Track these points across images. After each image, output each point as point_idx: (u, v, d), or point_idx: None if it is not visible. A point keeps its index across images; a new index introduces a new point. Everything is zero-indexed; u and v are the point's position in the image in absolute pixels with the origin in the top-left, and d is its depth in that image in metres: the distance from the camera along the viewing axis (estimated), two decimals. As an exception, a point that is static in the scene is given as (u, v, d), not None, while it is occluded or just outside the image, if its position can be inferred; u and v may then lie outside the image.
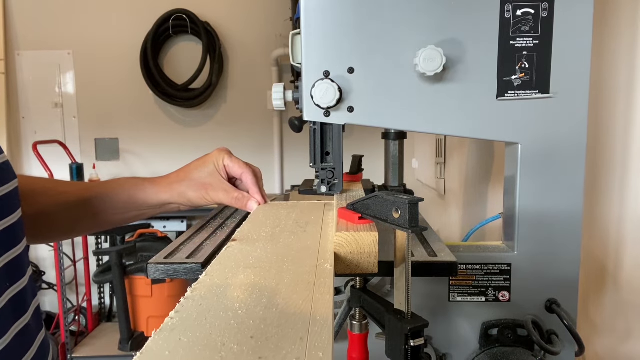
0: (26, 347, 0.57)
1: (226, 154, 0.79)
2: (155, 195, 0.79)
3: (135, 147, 3.31)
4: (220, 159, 0.79)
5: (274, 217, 0.70)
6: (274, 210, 0.76)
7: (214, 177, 0.78)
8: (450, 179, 1.97)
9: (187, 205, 0.80)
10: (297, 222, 0.67)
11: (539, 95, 0.74)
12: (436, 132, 0.78)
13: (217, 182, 0.78)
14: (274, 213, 0.73)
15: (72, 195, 0.78)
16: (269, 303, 0.39)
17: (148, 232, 2.98)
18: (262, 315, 0.37)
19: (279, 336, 0.34)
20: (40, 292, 3.32)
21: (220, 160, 0.79)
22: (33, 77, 3.27)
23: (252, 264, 0.49)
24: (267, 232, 0.62)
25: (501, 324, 0.79)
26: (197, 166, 0.80)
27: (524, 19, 0.73)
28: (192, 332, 0.34)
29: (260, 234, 0.61)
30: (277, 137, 3.27)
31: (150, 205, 0.80)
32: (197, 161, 0.81)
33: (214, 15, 3.18)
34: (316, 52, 0.74)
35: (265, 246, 0.55)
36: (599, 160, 0.96)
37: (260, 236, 0.60)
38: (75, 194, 0.78)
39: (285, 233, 0.61)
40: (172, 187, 0.79)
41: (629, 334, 0.92)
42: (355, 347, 0.76)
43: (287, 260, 0.50)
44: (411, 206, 0.52)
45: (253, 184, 0.79)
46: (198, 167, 0.80)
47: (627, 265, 0.91)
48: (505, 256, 0.80)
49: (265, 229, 0.63)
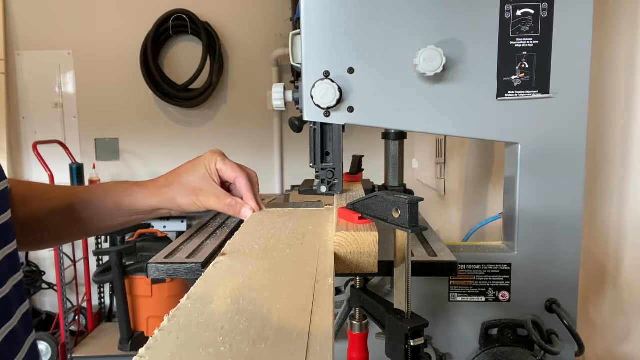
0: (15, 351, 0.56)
1: (219, 157, 0.75)
2: (143, 200, 0.75)
3: (135, 147, 3.31)
4: (213, 162, 0.74)
5: (269, 227, 0.65)
6: (269, 218, 0.71)
7: (205, 182, 0.74)
8: (450, 179, 1.97)
9: (178, 210, 0.75)
10: (294, 232, 0.63)
11: (539, 95, 0.74)
12: (436, 132, 0.78)
13: (208, 187, 0.73)
14: (269, 222, 0.69)
15: (60, 201, 0.75)
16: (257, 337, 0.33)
17: (148, 232, 2.98)
18: (248, 353, 0.31)
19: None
20: (40, 292, 3.32)
21: (212, 163, 0.74)
22: (33, 77, 3.28)
23: (241, 285, 0.43)
24: (261, 244, 0.57)
25: (501, 324, 0.79)
26: (187, 169, 0.75)
27: (524, 19, 0.73)
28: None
29: (252, 247, 0.56)
30: (277, 137, 3.27)
31: (139, 210, 0.76)
32: (188, 164, 0.76)
33: (214, 15, 3.18)
34: (316, 52, 0.74)
35: (258, 262, 0.50)
36: (599, 160, 0.96)
37: (252, 249, 0.55)
38: (63, 200, 0.75)
39: (280, 245, 0.57)
40: (161, 192, 0.75)
41: (629, 334, 0.92)
42: (355, 346, 0.76)
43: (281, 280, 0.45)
44: (411, 206, 0.52)
45: (247, 189, 0.74)
46: (188, 171, 0.75)
47: (627, 266, 0.91)
48: (505, 256, 0.80)
49: (259, 240, 0.59)
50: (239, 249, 0.55)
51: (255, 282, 0.44)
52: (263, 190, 0.82)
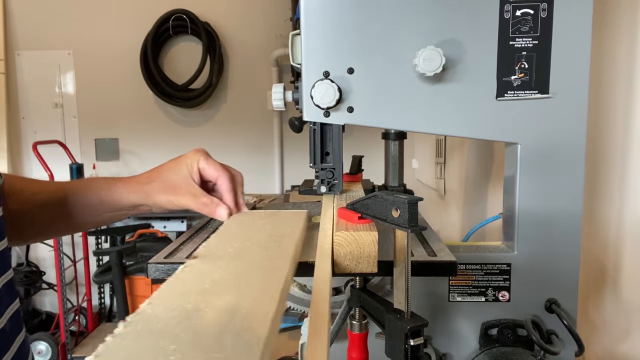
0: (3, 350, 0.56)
1: (202, 156, 0.73)
2: (125, 196, 0.75)
3: (135, 147, 3.32)
4: (195, 161, 0.73)
5: (248, 229, 0.63)
6: (249, 219, 0.69)
7: (184, 181, 0.72)
8: (450, 179, 1.97)
9: (158, 208, 0.74)
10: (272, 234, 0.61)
11: (539, 95, 0.74)
12: (436, 132, 0.78)
13: (186, 186, 0.72)
14: (249, 223, 0.66)
15: (45, 196, 0.75)
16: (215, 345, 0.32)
17: (148, 232, 2.98)
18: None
19: None
20: (40, 292, 3.32)
21: (194, 162, 0.73)
22: (33, 77, 3.28)
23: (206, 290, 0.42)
24: (236, 247, 0.55)
25: (501, 324, 0.79)
26: (169, 167, 0.74)
27: (524, 19, 0.73)
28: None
29: (226, 250, 0.54)
30: (277, 137, 3.27)
31: (122, 207, 0.76)
32: (172, 162, 0.75)
33: (214, 15, 3.18)
34: (316, 53, 0.74)
35: (229, 265, 0.49)
36: (598, 160, 0.96)
37: (226, 252, 0.53)
38: (48, 194, 0.75)
39: (255, 248, 0.55)
40: (142, 188, 0.74)
41: (629, 333, 0.92)
42: (355, 346, 0.76)
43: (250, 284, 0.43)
44: (410, 205, 0.52)
45: (228, 189, 0.72)
46: (170, 169, 0.74)
47: (626, 265, 0.91)
48: (504, 256, 0.80)
49: (234, 243, 0.57)
50: (213, 252, 0.53)
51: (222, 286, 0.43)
52: (263, 190, 0.82)
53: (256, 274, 0.46)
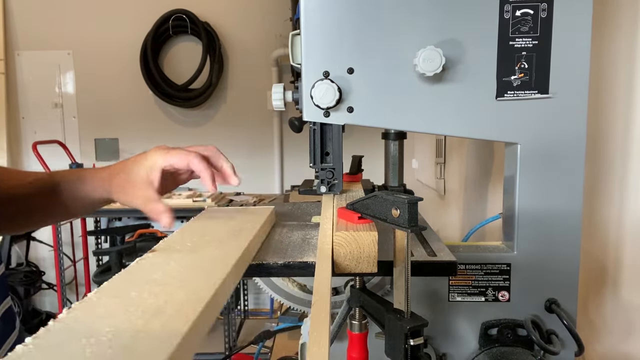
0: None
1: (160, 157, 0.70)
2: (92, 191, 0.74)
3: (135, 147, 3.32)
4: (155, 163, 0.70)
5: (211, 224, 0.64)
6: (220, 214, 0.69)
7: (142, 182, 0.70)
8: (450, 179, 1.97)
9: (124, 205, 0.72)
10: (232, 229, 0.62)
11: (538, 95, 0.74)
12: (436, 132, 0.78)
13: (143, 187, 0.69)
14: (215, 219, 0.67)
15: (22, 189, 0.74)
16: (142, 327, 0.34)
17: (148, 232, 2.98)
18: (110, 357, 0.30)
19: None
20: (40, 292, 3.32)
21: (154, 165, 0.70)
22: (33, 77, 3.28)
23: (154, 279, 0.43)
24: (195, 241, 0.56)
25: (501, 324, 0.79)
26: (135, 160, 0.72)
27: (523, 19, 0.73)
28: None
29: (185, 244, 0.55)
30: (277, 137, 3.27)
31: (94, 200, 0.75)
32: (138, 158, 0.73)
33: (214, 15, 3.18)
34: (316, 53, 0.74)
35: (183, 258, 0.50)
36: (598, 160, 0.96)
37: (184, 246, 0.54)
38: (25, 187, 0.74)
39: (214, 242, 0.56)
40: (103, 185, 0.73)
41: (629, 333, 0.92)
42: (354, 346, 0.76)
43: (197, 275, 0.45)
44: (410, 205, 0.52)
45: (204, 168, 0.69)
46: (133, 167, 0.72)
47: (626, 265, 0.91)
48: (504, 256, 0.80)
49: (193, 237, 0.58)
50: (171, 246, 0.55)
51: (170, 277, 0.44)
52: (263, 190, 0.82)
53: (206, 266, 0.48)
